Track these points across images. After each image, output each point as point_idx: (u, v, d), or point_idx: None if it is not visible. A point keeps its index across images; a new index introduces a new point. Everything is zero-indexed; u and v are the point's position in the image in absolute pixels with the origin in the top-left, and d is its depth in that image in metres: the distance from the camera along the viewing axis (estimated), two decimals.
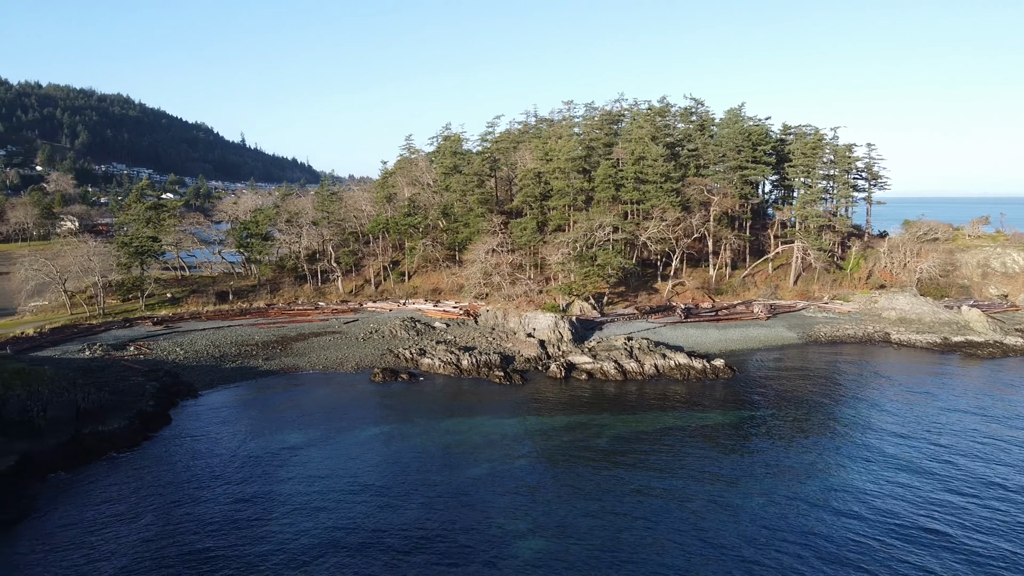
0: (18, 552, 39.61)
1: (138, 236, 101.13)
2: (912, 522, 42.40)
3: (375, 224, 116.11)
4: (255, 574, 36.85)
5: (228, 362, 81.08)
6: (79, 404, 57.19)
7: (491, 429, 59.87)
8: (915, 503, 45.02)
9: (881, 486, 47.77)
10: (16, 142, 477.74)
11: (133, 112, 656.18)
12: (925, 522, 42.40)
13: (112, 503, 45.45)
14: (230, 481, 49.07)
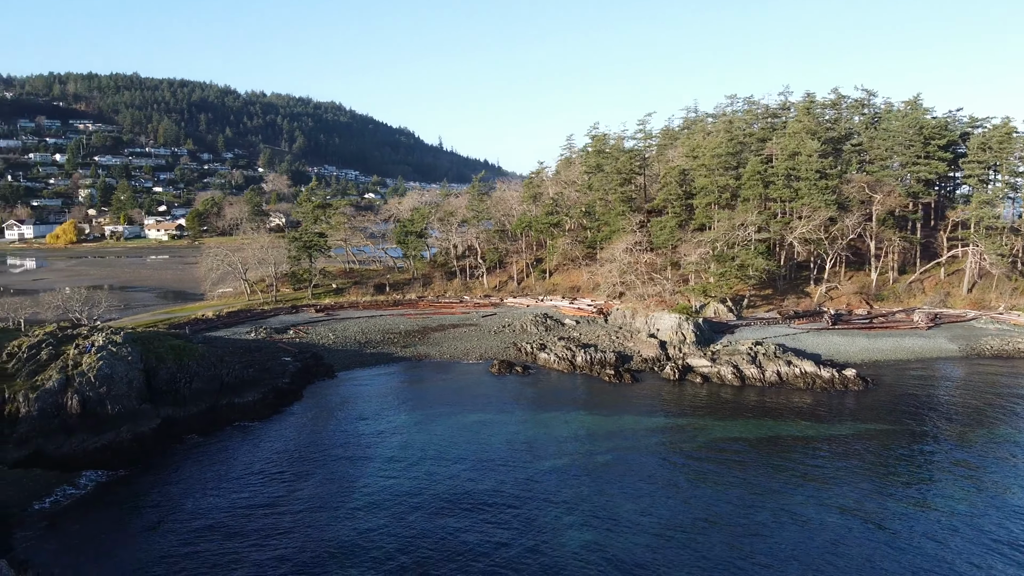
0: (147, 496, 47.04)
1: (307, 232, 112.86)
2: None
3: (519, 223, 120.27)
4: (325, 529, 41.16)
5: (369, 348, 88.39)
6: (223, 378, 65.67)
7: (583, 424, 60.89)
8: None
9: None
10: (242, 146, 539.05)
11: (344, 118, 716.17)
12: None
13: (227, 464, 52.20)
14: (330, 453, 54.29)
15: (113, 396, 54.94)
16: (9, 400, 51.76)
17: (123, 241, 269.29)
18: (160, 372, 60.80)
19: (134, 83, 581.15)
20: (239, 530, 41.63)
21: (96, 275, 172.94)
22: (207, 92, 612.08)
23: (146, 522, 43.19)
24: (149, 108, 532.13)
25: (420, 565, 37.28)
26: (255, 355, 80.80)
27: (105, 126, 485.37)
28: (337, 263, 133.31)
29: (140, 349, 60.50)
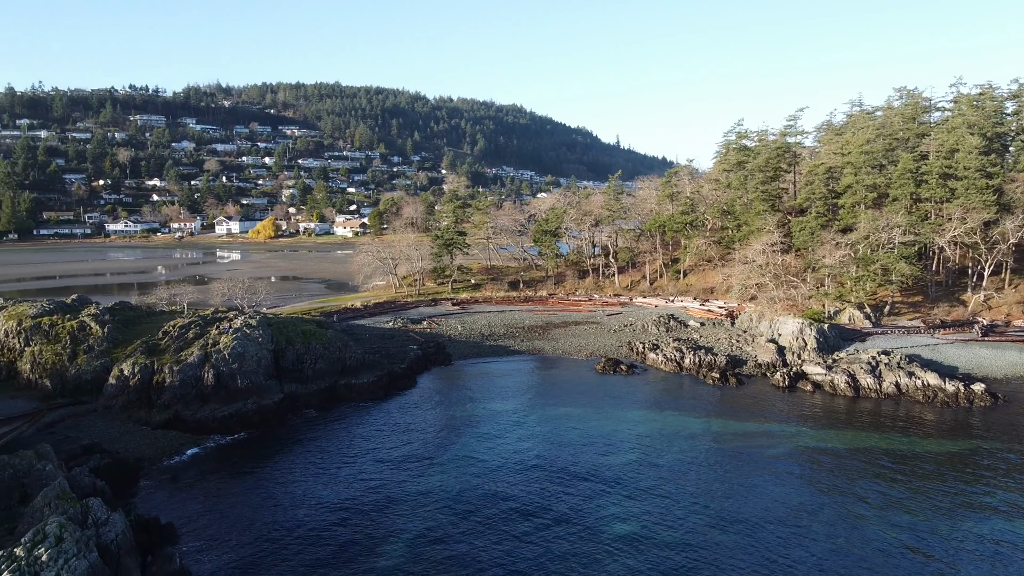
0: (261, 460, 54.20)
1: (447, 231, 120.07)
2: None
3: (653, 222, 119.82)
4: (407, 503, 45.80)
5: (490, 340, 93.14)
6: (345, 361, 72.90)
7: (668, 424, 61.07)
8: None
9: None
10: (428, 149, 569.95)
11: (523, 120, 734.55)
12: None
13: (336, 437, 58.33)
14: (424, 433, 58.98)
15: (243, 372, 63.32)
16: (158, 371, 61.47)
17: (314, 237, 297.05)
18: (287, 353, 68.90)
19: (335, 91, 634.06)
20: (337, 494, 46.77)
21: (282, 267, 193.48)
22: (399, 99, 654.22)
23: (255, 482, 49.80)
24: (347, 114, 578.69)
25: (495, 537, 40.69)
26: (386, 342, 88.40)
27: (309, 132, 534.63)
28: (481, 260, 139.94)
29: (272, 332, 69.00)
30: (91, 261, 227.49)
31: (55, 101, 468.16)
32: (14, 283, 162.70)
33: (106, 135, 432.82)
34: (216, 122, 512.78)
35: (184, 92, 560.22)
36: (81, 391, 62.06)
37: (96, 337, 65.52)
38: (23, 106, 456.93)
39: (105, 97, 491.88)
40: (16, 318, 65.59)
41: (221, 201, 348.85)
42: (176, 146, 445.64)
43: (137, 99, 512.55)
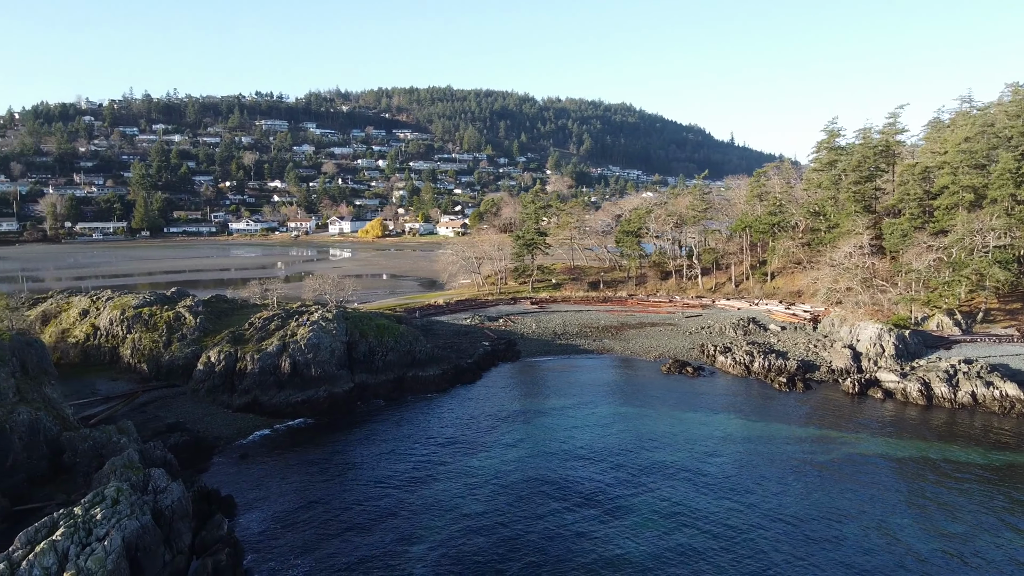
0: (328, 443, 58.36)
1: (528, 231, 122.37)
2: None
3: (739, 223, 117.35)
4: (454, 493, 48.62)
5: (561, 339, 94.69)
6: (415, 354, 76.56)
7: (721, 426, 60.76)
8: None
9: None
10: (534, 150, 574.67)
11: (632, 119, 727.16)
12: None
13: (401, 425, 61.72)
14: (473, 427, 61.58)
15: (317, 362, 67.94)
16: (240, 359, 66.97)
17: (417, 236, 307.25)
18: (360, 345, 73.20)
19: (446, 95, 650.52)
20: (392, 477, 49.91)
21: (383, 265, 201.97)
22: (507, 101, 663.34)
23: (316, 463, 53.67)
24: (457, 117, 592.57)
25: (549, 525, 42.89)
26: (460, 338, 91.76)
27: (421, 135, 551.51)
28: (566, 260, 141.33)
29: (347, 325, 73.50)
30: (216, 257, 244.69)
31: (188, 107, 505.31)
32: (145, 276, 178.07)
33: (233, 139, 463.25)
34: (334, 126, 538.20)
35: (306, 98, 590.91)
36: (173, 375, 68.54)
37: (189, 327, 72.07)
38: (159, 112, 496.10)
39: (233, 103, 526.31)
40: (120, 308, 73.19)
41: (335, 202, 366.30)
42: (297, 149, 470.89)
43: (263, 105, 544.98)
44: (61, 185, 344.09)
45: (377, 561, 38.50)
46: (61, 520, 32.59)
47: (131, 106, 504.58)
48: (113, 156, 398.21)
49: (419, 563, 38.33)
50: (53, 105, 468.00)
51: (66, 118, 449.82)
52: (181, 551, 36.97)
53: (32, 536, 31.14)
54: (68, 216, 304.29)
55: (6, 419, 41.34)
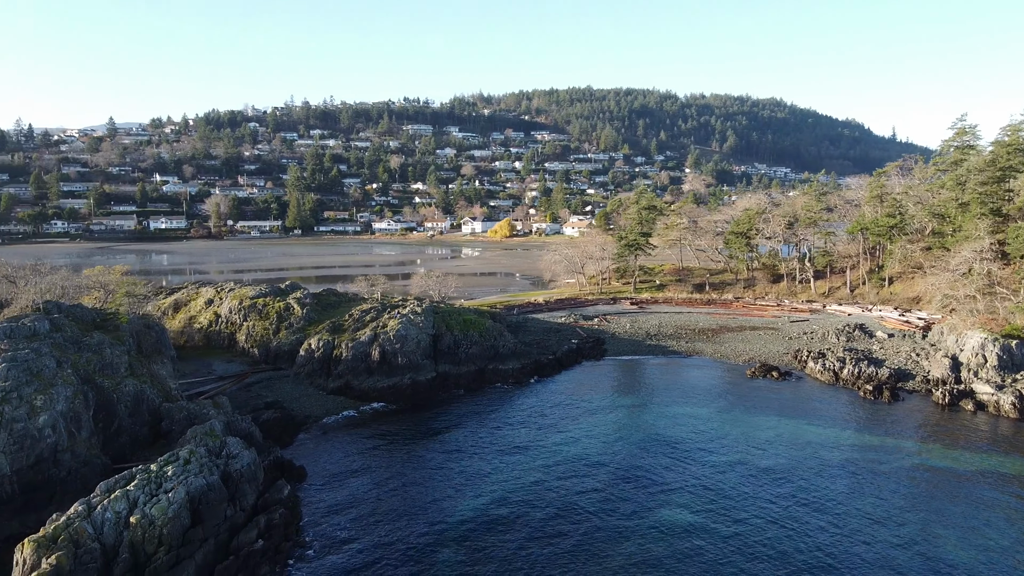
0: (407, 426, 63.30)
1: (631, 232, 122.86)
2: None
3: (855, 225, 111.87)
4: (512, 485, 52.14)
5: (652, 340, 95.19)
6: (498, 348, 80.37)
7: (785, 431, 59.82)
8: None
9: None
10: (673, 148, 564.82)
11: (781, 114, 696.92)
12: None
13: (478, 414, 65.54)
14: (539, 419, 64.28)
15: (404, 351, 73.26)
16: (336, 347, 73.46)
17: (544, 236, 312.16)
18: (445, 338, 77.94)
19: (585, 95, 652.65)
20: (459, 461, 53.51)
21: (503, 263, 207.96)
22: (648, 99, 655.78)
23: (390, 443, 58.32)
24: (595, 117, 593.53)
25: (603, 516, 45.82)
26: (550, 335, 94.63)
27: (558, 136, 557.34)
28: (674, 260, 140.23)
29: (434, 319, 78.50)
30: (357, 255, 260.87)
31: (342, 113, 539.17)
32: (296, 271, 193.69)
33: (382, 143, 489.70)
34: (475, 129, 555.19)
35: (450, 103, 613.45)
36: (280, 359, 76.18)
37: (296, 316, 79.70)
38: (316, 118, 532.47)
39: (383, 109, 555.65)
40: (238, 299, 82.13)
41: (471, 203, 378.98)
42: (439, 152, 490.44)
43: (410, 110, 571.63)
44: (226, 186, 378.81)
45: (421, 539, 41.52)
46: (138, 474, 38.85)
47: (292, 113, 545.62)
48: (273, 160, 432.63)
49: (457, 547, 41.63)
50: (223, 112, 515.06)
51: (234, 124, 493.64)
52: (244, 509, 42.45)
53: (111, 486, 37.48)
54: (230, 215, 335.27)
55: (114, 389, 48.94)
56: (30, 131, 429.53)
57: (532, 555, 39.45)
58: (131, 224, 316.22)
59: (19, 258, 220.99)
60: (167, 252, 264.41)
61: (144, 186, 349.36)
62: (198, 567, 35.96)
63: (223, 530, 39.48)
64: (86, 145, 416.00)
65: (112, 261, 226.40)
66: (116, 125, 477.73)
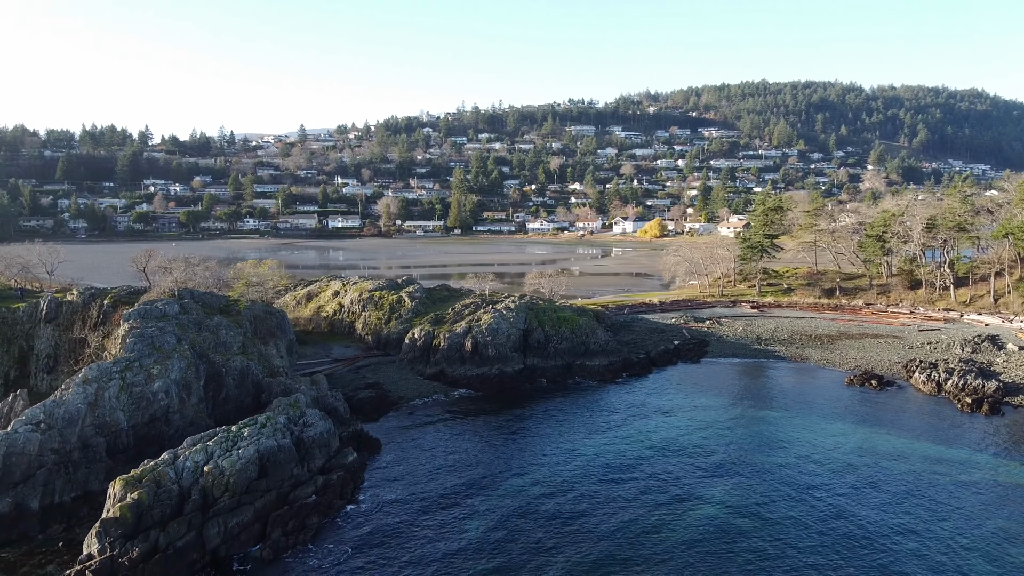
0: (488, 411, 68.29)
1: (756, 234, 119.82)
2: None
3: (1000, 229, 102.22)
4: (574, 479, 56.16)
5: (759, 344, 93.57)
6: (588, 345, 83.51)
7: (863, 440, 58.24)
8: None
9: None
10: (855, 143, 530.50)
11: (982, 106, 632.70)
12: None
13: (559, 407, 69.04)
14: (612, 415, 66.71)
15: (494, 344, 78.52)
16: (436, 337, 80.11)
17: (695, 236, 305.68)
18: (535, 333, 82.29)
19: (759, 89, 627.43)
20: (527, 449, 57.28)
21: (641, 264, 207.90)
22: (828, 92, 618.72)
23: (467, 426, 63.19)
24: (768, 112, 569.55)
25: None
26: (652, 335, 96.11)
27: (727, 132, 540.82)
28: (809, 263, 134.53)
29: (526, 315, 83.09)
30: (509, 253, 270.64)
31: (508, 117, 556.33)
32: (456, 267, 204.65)
33: (545, 145, 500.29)
34: (639, 128, 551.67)
35: (615, 102, 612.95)
36: (389, 346, 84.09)
37: (406, 308, 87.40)
38: (484, 122, 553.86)
39: (548, 111, 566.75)
40: (359, 291, 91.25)
41: (625, 202, 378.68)
42: (600, 152, 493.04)
43: (574, 111, 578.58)
44: (399, 188, 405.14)
45: (460, 514, 45.39)
46: (220, 433, 46.78)
47: (462, 117, 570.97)
48: (442, 163, 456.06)
49: (488, 526, 45.95)
50: (401, 119, 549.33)
51: (409, 130, 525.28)
52: (311, 470, 49.36)
53: (195, 441, 45.53)
54: (399, 215, 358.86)
55: (224, 364, 58.04)
56: (232, 137, 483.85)
57: (553, 545, 41.44)
58: (312, 223, 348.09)
59: (214, 252, 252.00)
60: (342, 248, 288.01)
61: (325, 188, 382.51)
62: (256, 511, 42.99)
63: (287, 485, 46.46)
64: (279, 150, 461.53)
65: (295, 256, 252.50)
66: (306, 132, 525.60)
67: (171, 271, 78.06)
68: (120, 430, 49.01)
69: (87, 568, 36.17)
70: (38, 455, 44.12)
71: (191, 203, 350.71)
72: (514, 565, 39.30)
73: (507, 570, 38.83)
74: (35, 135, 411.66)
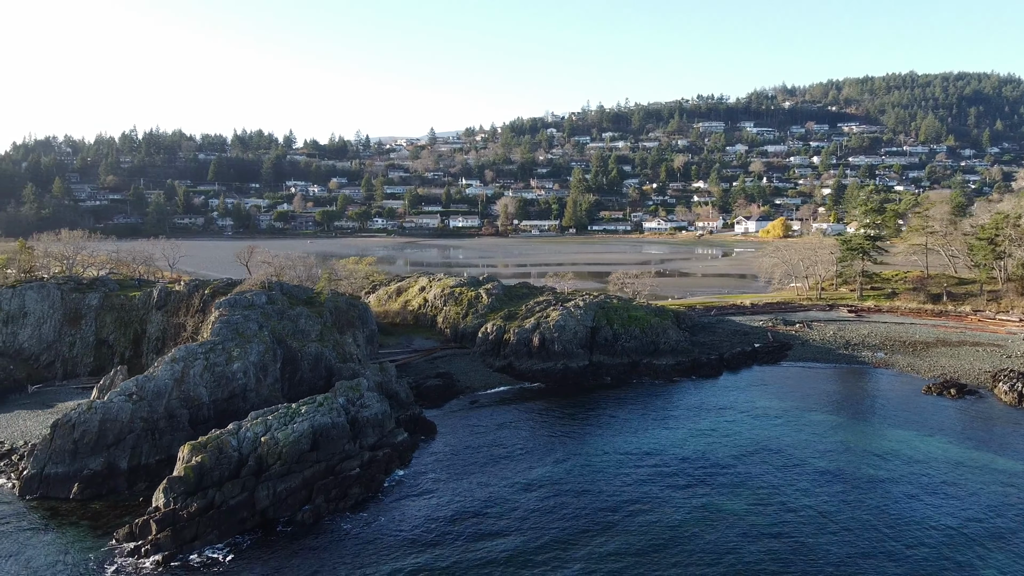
0: (544, 403, 71.50)
1: (856, 235, 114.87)
2: None
3: None
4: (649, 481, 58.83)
5: (847, 349, 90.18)
6: (658, 344, 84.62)
7: (897, 441, 56.86)
8: None
9: None
10: (1013, 139, 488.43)
11: None
12: None
13: (608, 402, 71.40)
14: (667, 415, 67.98)
15: (560, 340, 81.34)
16: (507, 332, 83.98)
17: (823, 237, 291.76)
18: (603, 330, 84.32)
19: (905, 82, 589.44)
20: (582, 445, 58.93)
21: (756, 265, 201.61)
22: (983, 84, 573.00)
23: (528, 418, 65.94)
24: (914, 106, 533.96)
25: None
26: (732, 336, 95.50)
27: (868, 127, 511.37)
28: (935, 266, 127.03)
29: (594, 313, 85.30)
30: (621, 252, 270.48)
31: (633, 115, 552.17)
32: (570, 266, 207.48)
33: (670, 142, 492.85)
34: (772, 124, 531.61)
35: (747, 97, 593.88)
36: (465, 340, 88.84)
37: (483, 304, 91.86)
38: (609, 121, 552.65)
39: (675, 108, 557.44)
40: (442, 287, 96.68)
41: (751, 201, 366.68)
42: (729, 149, 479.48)
43: (702, 107, 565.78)
44: (519, 189, 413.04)
45: (492, 500, 47.75)
46: (280, 409, 52.78)
47: (587, 117, 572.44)
48: (563, 163, 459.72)
49: (514, 517, 49.49)
50: (526, 120, 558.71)
51: (534, 131, 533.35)
52: (363, 446, 54.51)
53: (258, 415, 51.64)
54: (516, 215, 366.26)
55: (300, 349, 64.56)
56: (367, 141, 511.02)
57: (575, 542, 41.76)
58: (435, 222, 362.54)
59: (342, 249, 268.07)
60: (461, 247, 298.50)
61: (449, 189, 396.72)
62: (304, 479, 48.39)
63: (336, 458, 51.72)
64: (409, 153, 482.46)
65: (417, 254, 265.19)
66: (436, 134, 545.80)
67: (271, 265, 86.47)
68: (202, 404, 56.19)
69: (152, 518, 42.63)
70: (129, 422, 51.72)
71: (327, 203, 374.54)
72: (539, 549, 40.81)
73: (527, 554, 40.44)
74: (191, 139, 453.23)
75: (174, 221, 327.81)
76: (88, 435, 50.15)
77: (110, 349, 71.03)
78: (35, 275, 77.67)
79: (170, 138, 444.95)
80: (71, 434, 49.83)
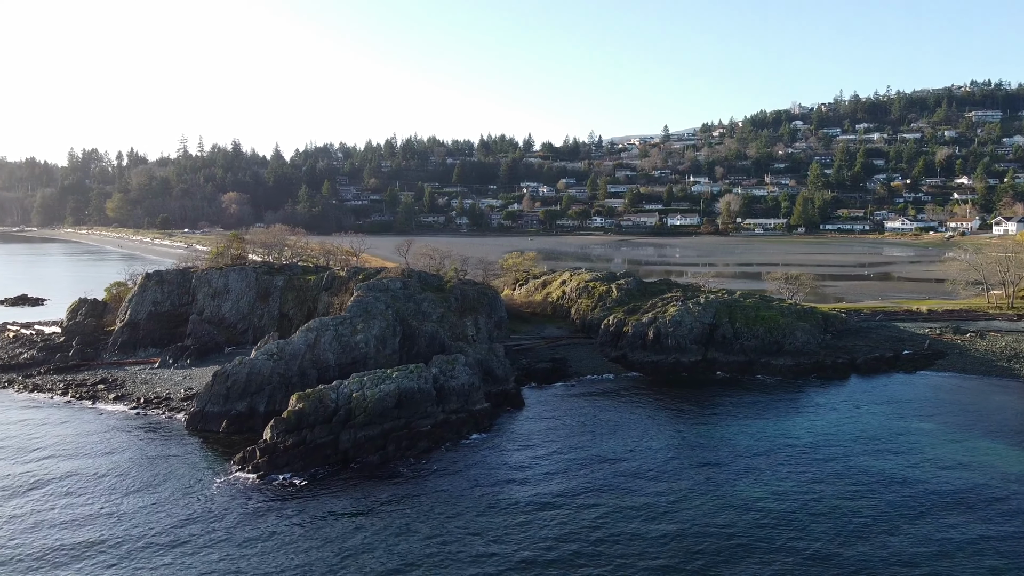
0: (644, 393, 76.27)
1: None
2: None
3: None
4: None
5: (1007, 362, 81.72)
6: (783, 345, 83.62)
7: (998, 457, 53.86)
8: None
9: None
10: None
11: None
12: None
13: (713, 398, 74.16)
14: (747, 417, 69.06)
15: (674, 335, 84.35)
16: (626, 324, 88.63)
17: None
18: (723, 328, 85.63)
19: None
20: (645, 437, 61.59)
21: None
22: None
23: (617, 406, 70.29)
24: None
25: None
26: (883, 342, 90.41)
27: None
28: None
29: (715, 310, 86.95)
30: (855, 255, 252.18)
31: (893, 104, 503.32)
32: (797, 267, 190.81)
33: (935, 133, 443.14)
34: None
35: None
36: (591, 330, 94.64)
37: (611, 298, 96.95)
38: (864, 112, 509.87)
39: (942, 96, 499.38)
40: (578, 281, 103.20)
41: (1020, 200, 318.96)
42: (1005, 141, 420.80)
43: (976, 95, 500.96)
44: (751, 185, 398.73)
45: (546, 483, 52.42)
46: (379, 373, 64.06)
47: (838, 108, 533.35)
48: (804, 158, 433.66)
49: (560, 505, 55.84)
50: (769, 113, 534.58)
51: (777, 124, 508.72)
52: (445, 410, 64.12)
53: (359, 376, 63.16)
54: (739, 212, 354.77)
55: (418, 328, 75.88)
56: (599, 141, 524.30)
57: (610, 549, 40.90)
58: (652, 221, 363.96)
59: (559, 246, 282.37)
60: (678, 246, 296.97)
61: (671, 187, 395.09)
62: (383, 431, 59.09)
63: (417, 417, 61.97)
64: (640, 151, 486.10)
65: (632, 252, 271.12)
66: (669, 132, 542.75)
67: (431, 257, 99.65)
68: (328, 366, 69.33)
69: (257, 447, 55.66)
70: (269, 376, 66.05)
71: (553, 203, 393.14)
72: (574, 552, 40.56)
73: (557, 549, 41.00)
74: (442, 145, 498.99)
75: (419, 219, 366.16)
76: (237, 384, 65.13)
77: (289, 321, 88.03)
78: (244, 261, 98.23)
79: (424, 144, 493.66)
80: (225, 382, 65.11)
